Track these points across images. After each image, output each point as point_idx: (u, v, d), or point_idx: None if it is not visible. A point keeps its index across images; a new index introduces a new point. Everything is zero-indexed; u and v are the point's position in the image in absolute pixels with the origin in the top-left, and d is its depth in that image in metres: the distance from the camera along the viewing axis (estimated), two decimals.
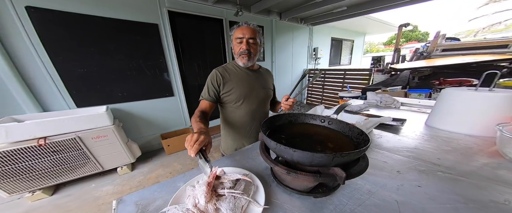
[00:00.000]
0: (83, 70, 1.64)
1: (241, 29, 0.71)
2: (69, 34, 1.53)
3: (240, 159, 0.58)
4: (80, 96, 1.68)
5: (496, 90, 0.62)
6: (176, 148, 2.17)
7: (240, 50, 0.72)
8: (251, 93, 0.79)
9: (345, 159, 0.33)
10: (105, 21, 1.65)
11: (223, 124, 0.87)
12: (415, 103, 1.09)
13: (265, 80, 0.86)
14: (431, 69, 2.08)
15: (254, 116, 0.83)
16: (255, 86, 0.80)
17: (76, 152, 1.46)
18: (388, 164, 0.52)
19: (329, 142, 0.46)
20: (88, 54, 1.63)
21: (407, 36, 15.91)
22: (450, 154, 0.54)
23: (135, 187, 1.58)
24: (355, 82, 3.32)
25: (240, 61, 0.76)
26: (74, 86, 1.64)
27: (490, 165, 0.47)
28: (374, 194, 0.40)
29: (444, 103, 0.71)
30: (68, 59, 1.56)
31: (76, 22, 1.53)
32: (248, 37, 0.71)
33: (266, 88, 0.86)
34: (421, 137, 0.67)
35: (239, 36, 0.71)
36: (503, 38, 3.14)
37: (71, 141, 1.41)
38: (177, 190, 0.41)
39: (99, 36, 1.65)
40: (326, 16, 3.31)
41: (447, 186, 0.41)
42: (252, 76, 0.81)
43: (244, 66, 0.78)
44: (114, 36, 1.72)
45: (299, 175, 0.35)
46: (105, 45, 1.70)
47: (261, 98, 0.83)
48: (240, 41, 0.72)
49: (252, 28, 0.72)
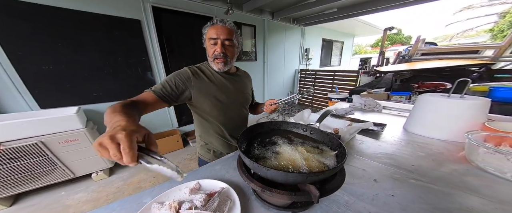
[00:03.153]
0: (48, 67, 1.48)
1: (215, 28, 0.62)
2: (31, 27, 1.36)
3: (220, 169, 0.56)
4: (45, 96, 1.52)
5: (466, 98, 0.66)
6: (161, 151, 2.08)
7: (215, 53, 0.64)
8: (229, 100, 0.72)
9: (320, 177, 0.32)
10: (78, 15, 1.50)
11: (198, 131, 0.79)
12: (396, 107, 1.14)
13: (244, 85, 0.80)
14: (411, 72, 2.20)
15: (233, 124, 0.76)
16: (233, 92, 0.74)
17: (40, 159, 1.32)
18: (367, 172, 0.52)
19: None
20: (55, 49, 1.47)
21: (392, 39, 16.81)
22: (423, 160, 0.57)
23: (113, 193, 1.48)
24: (344, 83, 3.43)
25: (214, 66, 0.67)
26: (37, 85, 1.46)
27: (459, 171, 0.50)
28: (350, 206, 0.40)
29: (419, 109, 0.74)
30: (29, 54, 1.39)
31: (40, 14, 1.37)
32: (223, 38, 0.62)
33: (245, 93, 0.80)
34: (399, 143, 0.69)
35: (213, 36, 0.62)
36: (474, 44, 3.43)
37: (33, 146, 1.26)
38: (141, 208, 0.37)
39: (70, 30, 1.50)
40: (317, 17, 3.35)
41: (418, 195, 0.42)
42: (230, 81, 0.73)
43: (220, 71, 0.70)
44: (88, 31, 1.58)
45: (273, 193, 0.34)
46: (78, 40, 1.55)
47: (240, 104, 0.77)
48: (214, 42, 0.63)
49: (229, 27, 0.63)
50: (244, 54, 3.09)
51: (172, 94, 0.60)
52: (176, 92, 0.61)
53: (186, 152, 2.17)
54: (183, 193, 0.38)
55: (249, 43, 3.12)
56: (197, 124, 0.77)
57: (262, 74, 3.51)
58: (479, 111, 0.62)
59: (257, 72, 3.41)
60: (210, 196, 0.37)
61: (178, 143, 2.23)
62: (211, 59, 0.67)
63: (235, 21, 2.69)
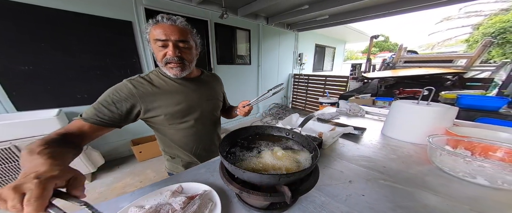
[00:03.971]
0: (28, 68, 1.42)
1: (162, 27, 0.50)
2: (7, 25, 1.30)
3: (205, 172, 0.57)
4: (23, 98, 1.45)
5: (432, 104, 0.73)
6: (149, 155, 2.03)
7: (166, 56, 0.53)
8: (191, 109, 0.63)
9: (291, 179, 0.35)
10: (62, 14, 1.46)
11: (161, 146, 0.70)
12: (376, 112, 1.21)
13: (210, 89, 0.71)
14: (394, 79, 2.35)
15: (200, 136, 0.68)
16: (196, 100, 0.64)
17: (12, 164, 1.25)
18: (343, 174, 0.56)
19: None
20: (36, 49, 1.41)
21: (381, 46, 17.73)
22: (394, 162, 0.62)
23: (94, 199, 1.42)
24: (335, 88, 3.56)
25: (168, 72, 0.57)
26: (14, 86, 1.40)
27: (422, 172, 0.55)
28: (325, 207, 0.43)
29: (393, 114, 0.81)
30: (5, 54, 1.33)
31: (19, 13, 1.32)
32: (175, 39, 0.52)
33: (213, 99, 0.71)
34: (375, 146, 0.74)
35: (160, 37, 0.50)
36: (451, 53, 3.71)
37: (4, 151, 1.19)
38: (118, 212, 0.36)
39: (54, 30, 1.45)
40: (310, 23, 3.50)
41: (385, 194, 0.46)
42: (190, 88, 0.63)
43: (176, 77, 0.60)
44: (75, 32, 1.54)
45: (250, 194, 0.36)
46: (63, 41, 1.50)
47: (207, 112, 0.69)
48: (163, 45, 0.52)
49: (181, 26, 0.53)
50: (239, 57, 3.13)
51: (114, 117, 0.50)
52: (119, 112, 0.51)
53: None
54: (164, 196, 0.39)
55: (244, 47, 3.17)
56: (158, 138, 0.69)
57: (256, 78, 3.57)
58: (443, 117, 0.69)
59: (252, 75, 3.46)
60: (190, 198, 0.39)
61: None
62: (162, 64, 0.56)
63: (230, 25, 2.73)
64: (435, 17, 13.17)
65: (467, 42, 10.35)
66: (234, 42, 2.92)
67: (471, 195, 0.45)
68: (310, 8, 2.56)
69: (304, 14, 2.70)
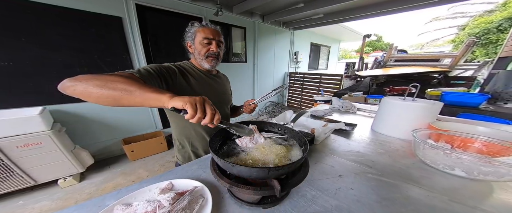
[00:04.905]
0: (7, 64, 1.34)
1: (210, 30, 0.69)
2: None
3: (197, 168, 0.57)
4: (2, 96, 1.37)
5: (417, 101, 0.76)
6: (142, 154, 1.99)
7: (210, 51, 0.69)
8: (213, 99, 0.74)
9: (280, 172, 0.35)
10: (45, 8, 1.38)
11: (177, 133, 0.78)
12: (367, 109, 1.25)
13: (224, 86, 0.84)
14: (385, 77, 2.43)
15: (212, 129, 0.77)
16: (216, 92, 0.77)
17: None
18: (334, 168, 0.58)
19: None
20: (16, 45, 1.33)
21: (374, 45, 18.15)
22: (382, 156, 0.64)
23: (83, 200, 1.37)
24: (329, 86, 3.62)
25: (206, 64, 0.71)
26: None
27: (407, 165, 0.58)
28: (316, 201, 0.44)
29: (382, 110, 0.84)
30: None
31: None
32: (218, 39, 0.69)
33: (226, 94, 0.84)
34: (365, 141, 0.77)
35: (209, 36, 0.67)
36: (438, 53, 3.87)
37: None
38: (101, 211, 0.35)
39: (35, 25, 1.37)
40: (306, 22, 3.51)
41: (371, 187, 0.48)
42: (213, 81, 0.77)
43: (208, 69, 0.73)
44: (59, 27, 1.46)
45: (240, 188, 0.36)
46: (46, 36, 1.42)
47: (223, 103, 0.81)
48: (208, 42, 0.68)
49: (219, 31, 0.72)
50: (235, 55, 3.09)
51: (163, 84, 0.58)
52: (167, 82, 0.60)
53: (170, 155, 2.10)
54: (153, 193, 0.39)
55: (240, 45, 3.14)
56: (175, 126, 0.76)
57: (252, 76, 3.55)
58: (427, 113, 0.72)
59: (247, 73, 3.44)
60: (180, 195, 0.38)
61: (162, 145, 2.14)
62: (202, 57, 0.69)
63: (226, 22, 2.69)
64: (425, 17, 13.62)
65: (453, 42, 10.81)
66: (229, 40, 2.88)
67: (451, 186, 0.47)
68: (305, 7, 2.57)
69: (299, 12, 2.71)
